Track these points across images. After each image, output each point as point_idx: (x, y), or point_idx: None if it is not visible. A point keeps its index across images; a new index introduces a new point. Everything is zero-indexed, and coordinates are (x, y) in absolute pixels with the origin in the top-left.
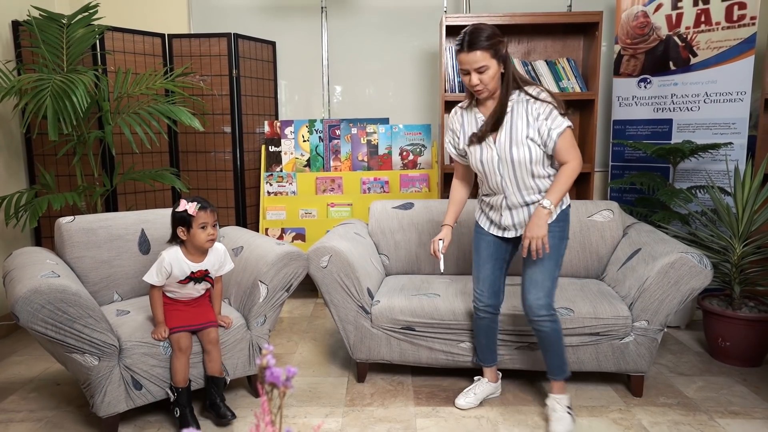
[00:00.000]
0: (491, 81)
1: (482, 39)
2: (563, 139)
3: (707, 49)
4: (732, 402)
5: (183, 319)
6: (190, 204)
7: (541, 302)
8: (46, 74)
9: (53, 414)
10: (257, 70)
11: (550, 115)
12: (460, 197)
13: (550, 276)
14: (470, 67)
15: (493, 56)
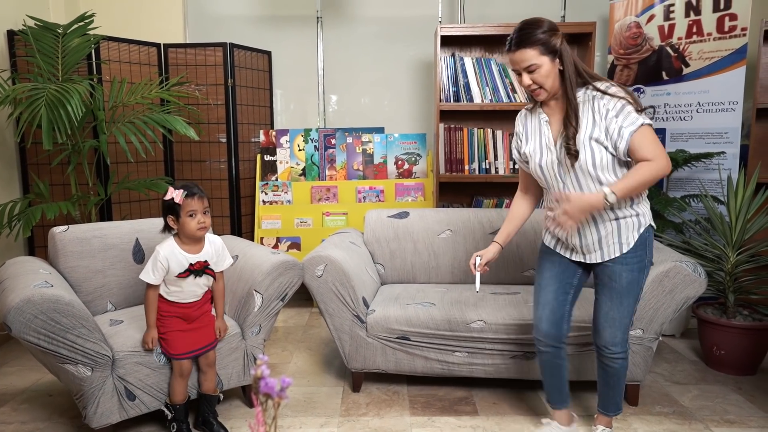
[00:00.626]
0: (546, 80)
1: (529, 34)
2: (640, 137)
3: (699, 60)
4: (727, 411)
5: (188, 344)
6: (177, 191)
7: (617, 339)
8: (41, 83)
9: (45, 425)
10: (253, 79)
11: (622, 111)
12: (520, 213)
13: (629, 313)
14: (519, 66)
15: (544, 53)
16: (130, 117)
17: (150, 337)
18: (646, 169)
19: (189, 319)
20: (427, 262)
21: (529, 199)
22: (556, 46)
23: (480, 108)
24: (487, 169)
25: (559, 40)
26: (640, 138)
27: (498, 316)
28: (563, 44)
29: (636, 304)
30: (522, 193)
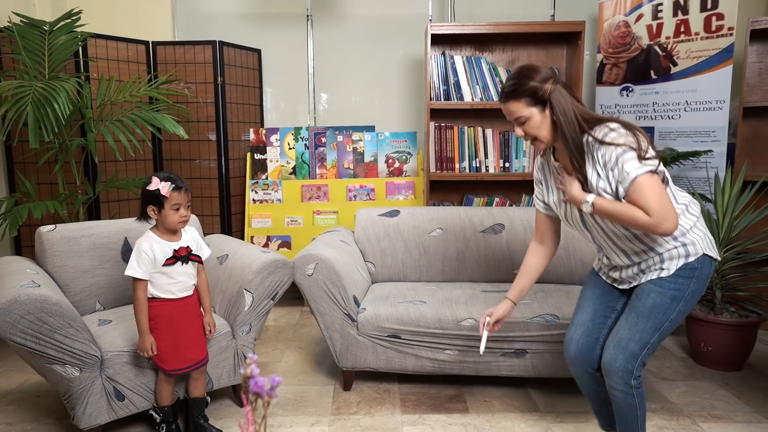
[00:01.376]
0: (539, 132)
1: (517, 86)
2: (636, 189)
3: (687, 59)
4: (714, 406)
5: (184, 359)
6: (163, 184)
7: (617, 365)
8: (28, 81)
9: (32, 427)
10: (242, 77)
11: (618, 160)
12: (534, 266)
13: (641, 340)
14: (510, 118)
15: (532, 104)
16: (118, 115)
17: (148, 344)
18: (640, 217)
19: (180, 323)
20: (418, 261)
21: (544, 250)
22: (546, 96)
23: (470, 106)
24: (478, 168)
25: (550, 89)
26: (638, 190)
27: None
28: (555, 93)
29: (655, 336)
30: (537, 243)
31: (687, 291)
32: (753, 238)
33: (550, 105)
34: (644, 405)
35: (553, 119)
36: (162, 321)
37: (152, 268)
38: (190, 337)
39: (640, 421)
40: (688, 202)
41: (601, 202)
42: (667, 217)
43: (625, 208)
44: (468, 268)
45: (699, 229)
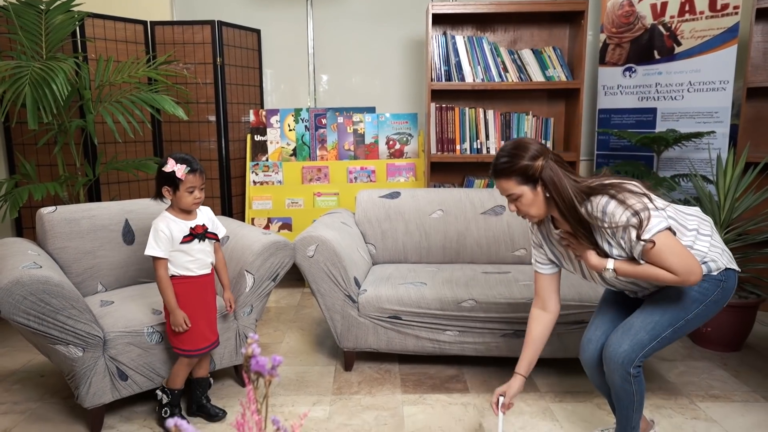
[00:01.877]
0: (530, 209)
1: (507, 164)
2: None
3: (691, 38)
4: (712, 386)
5: (205, 337)
6: (179, 166)
7: (621, 351)
8: (25, 62)
9: (37, 406)
10: (242, 58)
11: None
12: (540, 335)
13: (653, 330)
14: (502, 194)
15: (522, 182)
16: (117, 96)
17: (180, 318)
18: (665, 277)
19: (198, 302)
20: (419, 242)
21: (547, 317)
22: (537, 174)
23: (471, 87)
24: (479, 149)
25: (541, 166)
26: (654, 255)
27: (489, 294)
28: (546, 170)
29: (668, 330)
30: (539, 310)
31: (710, 297)
32: (754, 220)
33: (542, 182)
34: (642, 392)
35: (546, 195)
36: (180, 300)
37: (171, 247)
38: (205, 317)
39: (636, 407)
40: (698, 224)
41: (623, 267)
42: (692, 271)
43: (647, 270)
44: (469, 249)
45: (716, 246)
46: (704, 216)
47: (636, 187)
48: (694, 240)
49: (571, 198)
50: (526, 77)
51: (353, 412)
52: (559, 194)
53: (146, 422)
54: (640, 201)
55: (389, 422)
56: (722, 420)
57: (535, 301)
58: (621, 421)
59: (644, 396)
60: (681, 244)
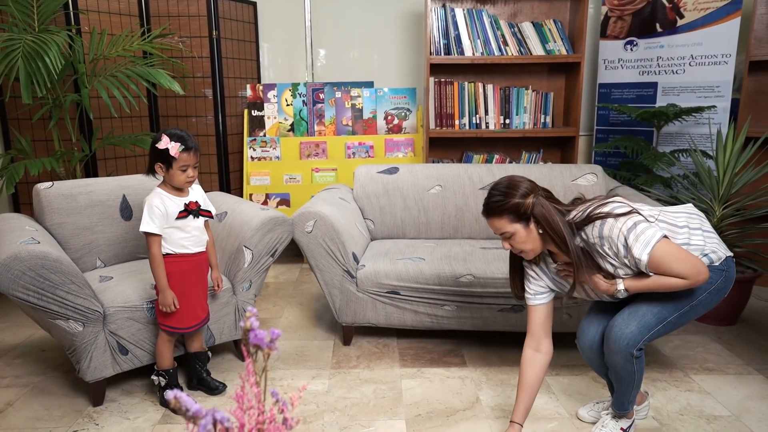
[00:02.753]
0: (525, 245)
1: (497, 204)
2: (657, 268)
3: (694, 11)
4: (707, 359)
5: (195, 315)
6: (173, 144)
7: (627, 332)
8: (17, 34)
9: (40, 379)
10: (238, 31)
11: (627, 245)
12: (535, 378)
13: (660, 313)
14: (495, 232)
15: (515, 220)
16: (112, 70)
17: (170, 299)
18: (676, 284)
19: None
20: (417, 218)
21: (541, 359)
22: (528, 212)
23: (471, 61)
24: (478, 124)
25: (532, 203)
26: (659, 266)
27: (487, 270)
28: (537, 207)
29: (674, 315)
30: (533, 351)
31: (714, 285)
32: (752, 195)
33: (534, 219)
34: (642, 372)
35: (540, 232)
36: (174, 278)
37: (165, 223)
38: (197, 296)
39: (636, 384)
40: (686, 219)
41: (633, 285)
42: (699, 271)
43: (657, 281)
44: (467, 225)
45: (709, 236)
46: (692, 211)
47: (621, 204)
48: (689, 236)
49: (566, 230)
50: (526, 51)
51: (352, 386)
52: (552, 229)
53: (147, 396)
54: (630, 218)
55: (387, 395)
56: (715, 392)
57: (528, 341)
58: (619, 396)
59: (643, 375)
60: (681, 249)
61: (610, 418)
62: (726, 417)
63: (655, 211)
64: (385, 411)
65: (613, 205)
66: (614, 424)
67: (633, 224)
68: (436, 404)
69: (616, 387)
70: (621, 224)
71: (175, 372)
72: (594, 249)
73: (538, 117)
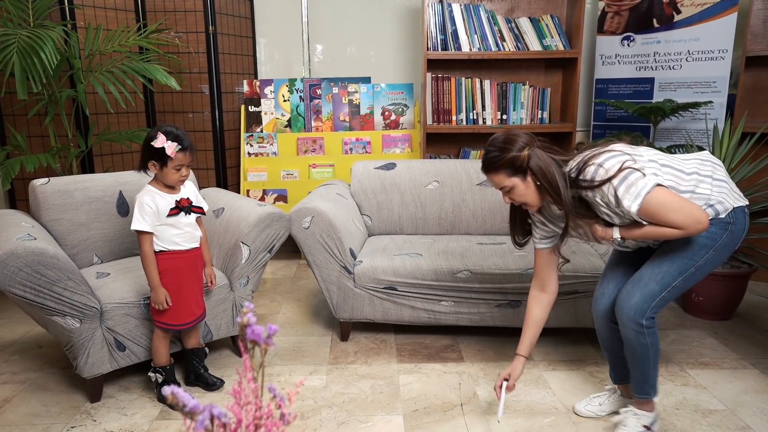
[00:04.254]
0: (525, 197)
1: (494, 159)
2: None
3: (691, 6)
4: (702, 354)
5: (191, 312)
6: (170, 143)
7: (632, 303)
8: (11, 29)
9: (37, 376)
10: (235, 26)
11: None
12: (539, 316)
13: (663, 280)
14: (495, 188)
15: (512, 174)
16: (107, 66)
17: (162, 297)
18: (671, 233)
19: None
20: (414, 214)
21: (547, 298)
22: (524, 164)
23: (468, 57)
24: (475, 120)
25: (527, 155)
26: (652, 215)
27: (484, 265)
28: (533, 159)
29: (678, 279)
30: (538, 291)
31: (719, 241)
32: (749, 190)
33: (531, 171)
34: (657, 346)
35: (537, 184)
36: (169, 275)
37: (157, 221)
38: (192, 293)
39: (653, 362)
40: (697, 166)
41: (628, 233)
42: (697, 220)
43: (653, 229)
44: (464, 220)
45: (718, 185)
46: (706, 157)
47: (616, 153)
48: (696, 183)
49: (559, 183)
50: (524, 46)
51: (349, 381)
52: (548, 181)
53: (145, 392)
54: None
55: (385, 391)
56: (711, 386)
57: (534, 281)
58: (638, 377)
59: (659, 351)
60: (678, 197)
61: (630, 415)
62: (721, 411)
63: (660, 156)
64: (382, 406)
65: (607, 155)
66: (635, 421)
67: (624, 175)
68: (434, 399)
69: (634, 368)
70: (612, 174)
71: (172, 368)
72: (589, 199)
73: (535, 112)
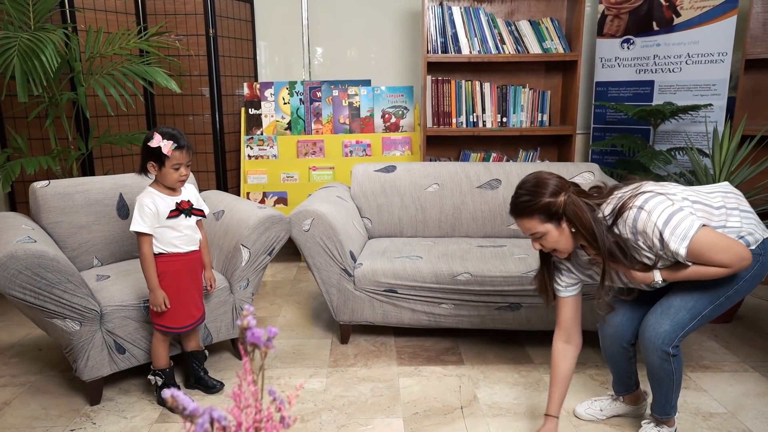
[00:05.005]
0: (557, 245)
1: (527, 204)
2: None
3: (690, 9)
4: (703, 357)
5: (190, 315)
6: (165, 142)
7: (662, 331)
8: (12, 32)
9: (36, 378)
10: (235, 29)
11: (663, 239)
12: (566, 371)
13: (693, 308)
14: (524, 233)
15: (546, 220)
16: (108, 68)
17: (160, 299)
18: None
19: (186, 280)
20: (414, 216)
21: (572, 350)
22: (560, 210)
23: (468, 59)
24: (475, 123)
25: (564, 202)
26: (698, 257)
27: (484, 268)
28: (569, 206)
29: (708, 308)
30: (564, 344)
31: (750, 272)
32: (749, 193)
33: (567, 218)
34: (681, 371)
35: (572, 231)
36: (168, 278)
37: (156, 223)
38: (191, 295)
39: (675, 386)
40: (722, 199)
41: (671, 275)
42: (742, 257)
43: (698, 270)
44: (464, 223)
45: (747, 217)
46: (728, 188)
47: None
48: (726, 218)
49: (596, 230)
50: (523, 49)
51: (349, 384)
52: (585, 227)
53: (144, 394)
54: (663, 207)
55: (385, 393)
56: (712, 389)
57: (558, 333)
58: (659, 400)
59: (682, 375)
60: (721, 236)
61: (652, 426)
62: (722, 414)
63: (689, 192)
64: (382, 409)
65: (645, 197)
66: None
67: (668, 217)
68: (434, 402)
69: (655, 390)
70: (655, 217)
71: (172, 371)
72: (628, 244)
73: (535, 115)
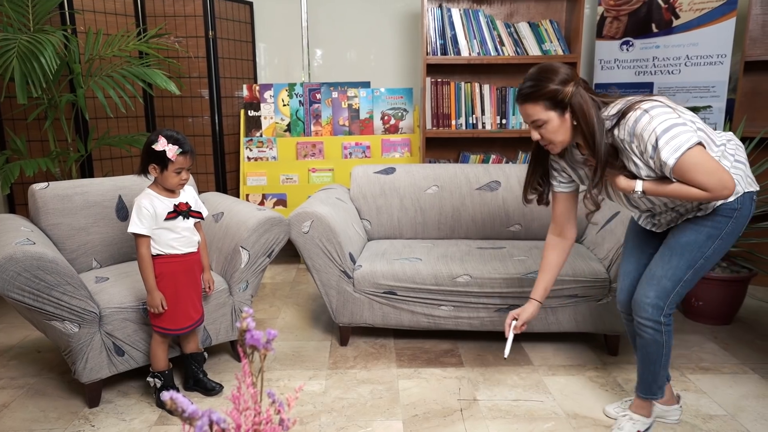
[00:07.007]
0: (555, 135)
1: (536, 87)
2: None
3: (690, 11)
4: (702, 358)
5: (188, 316)
6: (170, 147)
7: (648, 301)
8: (12, 34)
9: (35, 381)
10: (234, 31)
11: (657, 146)
12: (556, 261)
13: (674, 275)
14: (526, 120)
15: (550, 107)
16: (107, 70)
17: (158, 300)
18: (696, 194)
19: (183, 282)
20: (414, 218)
21: (564, 243)
22: (566, 99)
23: (467, 61)
24: (474, 125)
25: (571, 92)
26: (684, 173)
27: (483, 270)
28: (576, 97)
29: (688, 273)
30: (555, 236)
31: (724, 230)
32: None
33: (571, 109)
34: (671, 345)
35: (573, 123)
36: (165, 279)
37: (154, 224)
38: (189, 297)
39: (664, 361)
40: (725, 142)
41: (652, 188)
42: (725, 185)
43: (677, 188)
44: (464, 225)
45: (737, 167)
46: (732, 137)
47: (662, 104)
48: (720, 157)
49: (596, 127)
50: (523, 51)
51: (349, 386)
52: (587, 123)
53: (143, 397)
54: (667, 116)
55: (384, 396)
56: (711, 391)
57: (552, 227)
58: (646, 377)
59: (671, 351)
60: (713, 160)
61: (626, 420)
62: (722, 416)
63: (697, 120)
64: (382, 411)
65: (653, 103)
66: (630, 425)
67: (669, 125)
68: (433, 404)
69: (643, 367)
70: (656, 123)
71: (171, 373)
72: (622, 146)
73: None
